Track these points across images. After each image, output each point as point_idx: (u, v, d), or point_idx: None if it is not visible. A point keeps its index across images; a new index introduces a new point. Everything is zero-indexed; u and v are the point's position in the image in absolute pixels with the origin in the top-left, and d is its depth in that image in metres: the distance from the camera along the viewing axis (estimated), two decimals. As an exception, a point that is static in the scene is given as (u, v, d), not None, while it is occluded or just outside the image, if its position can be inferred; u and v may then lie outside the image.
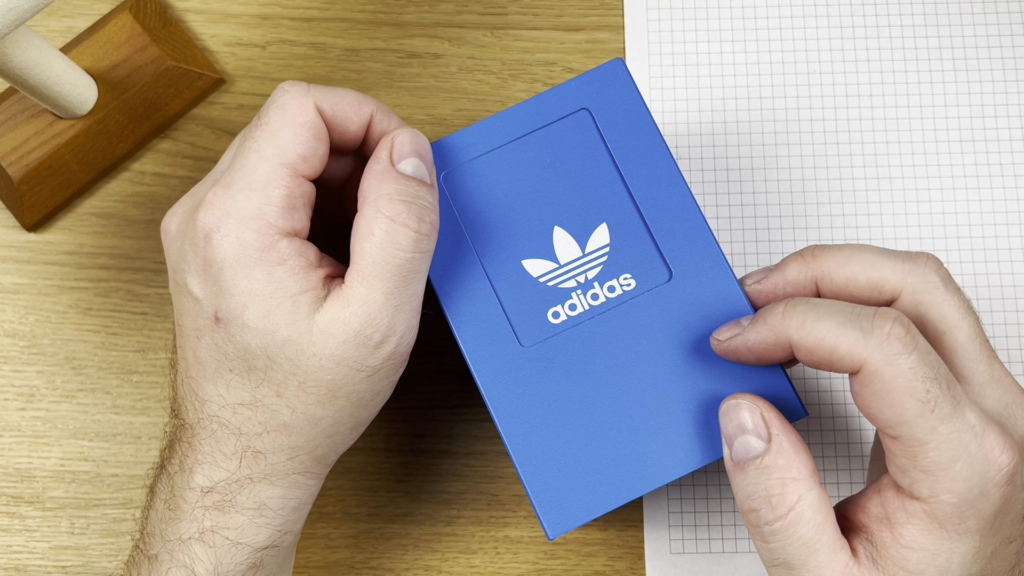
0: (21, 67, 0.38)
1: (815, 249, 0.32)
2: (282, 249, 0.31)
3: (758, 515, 0.29)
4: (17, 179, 0.42)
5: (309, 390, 0.31)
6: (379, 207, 0.31)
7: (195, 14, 0.46)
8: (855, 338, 0.28)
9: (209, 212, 0.31)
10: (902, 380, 0.27)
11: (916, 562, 0.28)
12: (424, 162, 0.33)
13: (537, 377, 0.33)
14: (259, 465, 0.32)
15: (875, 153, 0.44)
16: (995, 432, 0.28)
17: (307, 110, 0.32)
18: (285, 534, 0.33)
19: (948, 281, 0.31)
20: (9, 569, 0.41)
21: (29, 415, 0.43)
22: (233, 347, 0.31)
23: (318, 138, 0.32)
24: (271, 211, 0.31)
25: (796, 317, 0.29)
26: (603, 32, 0.46)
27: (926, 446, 0.27)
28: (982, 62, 0.45)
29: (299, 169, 0.32)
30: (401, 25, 0.46)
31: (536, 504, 0.32)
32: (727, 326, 0.32)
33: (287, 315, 0.31)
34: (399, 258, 0.31)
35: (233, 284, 0.31)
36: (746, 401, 0.30)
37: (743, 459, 0.30)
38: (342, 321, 0.31)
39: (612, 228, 0.34)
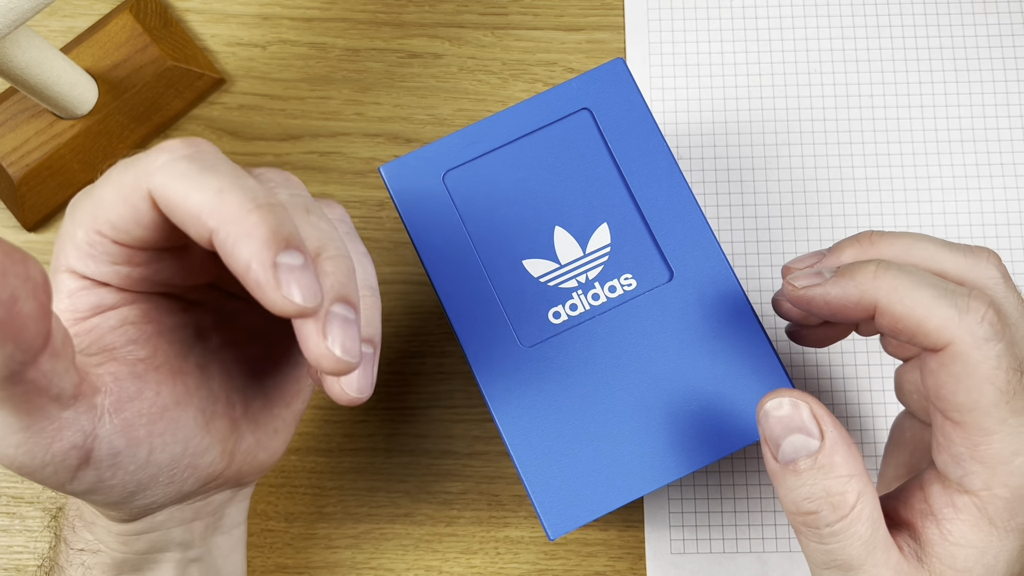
0: (21, 67, 0.38)
1: (872, 235, 0.31)
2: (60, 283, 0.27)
3: (818, 517, 0.28)
4: (17, 179, 0.42)
5: None
6: None
7: (195, 14, 0.46)
8: (949, 315, 0.27)
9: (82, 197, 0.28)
10: (987, 366, 0.26)
11: (964, 559, 0.27)
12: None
13: (538, 377, 0.33)
14: None
15: (875, 153, 0.44)
16: None
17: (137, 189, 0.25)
18: None
19: (1007, 278, 0.30)
20: (9, 569, 0.41)
21: (29, 415, 0.43)
22: None
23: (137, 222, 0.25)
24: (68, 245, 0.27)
25: (889, 280, 0.28)
26: (604, 32, 0.46)
27: (992, 436, 0.27)
28: (982, 62, 0.45)
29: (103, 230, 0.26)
30: (401, 25, 0.46)
31: (537, 504, 0.32)
32: (804, 273, 0.30)
33: None
34: None
35: None
36: (790, 397, 0.28)
37: (793, 459, 0.28)
38: None
39: (613, 228, 0.34)
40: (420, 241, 0.34)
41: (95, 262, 0.26)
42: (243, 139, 0.45)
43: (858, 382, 0.42)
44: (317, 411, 0.43)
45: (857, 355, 0.42)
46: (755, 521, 0.41)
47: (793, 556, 0.41)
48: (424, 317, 0.43)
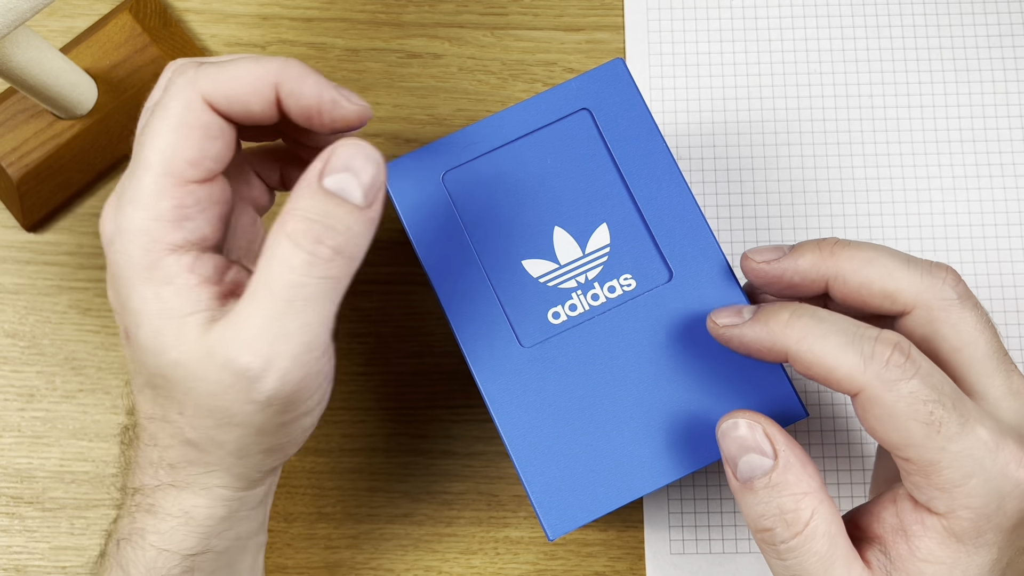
0: (21, 67, 0.38)
1: (834, 245, 0.31)
2: (168, 267, 0.28)
3: (773, 534, 0.28)
4: (17, 179, 0.42)
5: (203, 414, 0.29)
6: (283, 222, 0.28)
7: (195, 14, 0.46)
8: (854, 363, 0.28)
9: (103, 224, 0.30)
10: (903, 405, 0.27)
11: (932, 575, 0.28)
12: (358, 178, 0.28)
13: (537, 377, 0.33)
14: (177, 476, 0.31)
15: (875, 153, 0.44)
16: (1010, 446, 0.27)
17: (193, 107, 0.28)
18: (217, 539, 0.32)
19: (965, 297, 0.30)
20: (9, 569, 0.41)
21: (29, 415, 0.43)
22: (135, 364, 0.30)
23: (209, 136, 0.29)
24: (156, 226, 0.28)
25: (799, 329, 0.29)
26: (603, 32, 0.46)
27: (937, 465, 0.27)
28: (982, 62, 0.45)
29: (188, 175, 0.29)
30: (401, 25, 0.46)
31: (536, 505, 0.32)
32: (727, 310, 0.31)
33: (174, 337, 0.28)
34: (287, 280, 0.27)
35: (128, 301, 0.29)
36: (744, 419, 0.30)
37: (750, 478, 0.29)
38: (223, 344, 0.28)
39: (612, 228, 0.34)
40: (419, 241, 0.34)
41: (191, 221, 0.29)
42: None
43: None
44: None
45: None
46: (755, 521, 0.41)
47: (793, 556, 0.41)
48: (424, 317, 0.43)
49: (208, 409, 0.29)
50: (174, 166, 0.28)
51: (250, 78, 0.29)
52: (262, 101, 0.29)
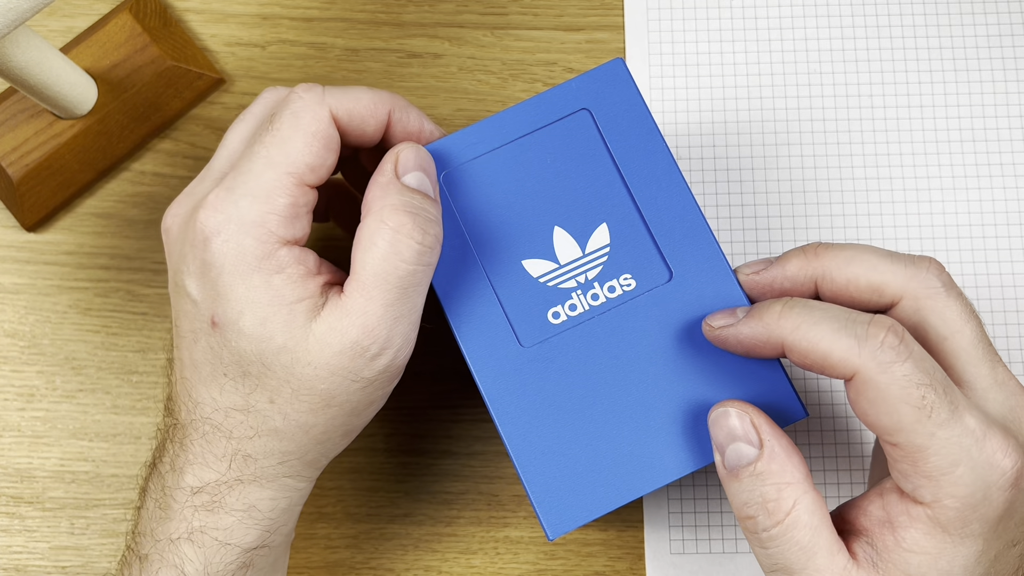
0: (21, 67, 0.38)
1: (818, 247, 0.32)
2: (281, 257, 0.31)
3: (755, 522, 0.29)
4: (17, 179, 0.42)
5: (302, 398, 0.31)
6: (383, 217, 0.31)
7: (195, 14, 0.46)
8: (849, 346, 0.28)
9: (210, 215, 0.31)
10: (896, 387, 0.27)
11: (918, 565, 0.28)
12: (428, 176, 0.32)
13: (537, 377, 0.33)
14: (249, 468, 0.32)
15: (875, 153, 0.44)
16: (997, 436, 0.28)
17: (321, 119, 0.32)
18: (274, 534, 0.33)
19: (950, 286, 0.31)
20: (9, 569, 0.41)
21: (29, 415, 0.43)
22: (228, 352, 0.31)
23: (329, 148, 0.32)
24: (273, 219, 0.31)
25: (792, 319, 0.29)
26: (603, 32, 0.46)
27: (926, 451, 0.27)
28: (982, 62, 0.45)
29: (306, 179, 0.32)
30: (401, 25, 0.46)
31: (536, 504, 0.32)
32: (721, 313, 0.32)
33: (283, 323, 0.31)
34: (401, 269, 0.30)
35: (231, 290, 0.31)
36: (735, 408, 0.30)
37: (736, 466, 0.30)
38: (339, 331, 0.30)
39: (612, 228, 0.34)
40: (419, 241, 0.34)
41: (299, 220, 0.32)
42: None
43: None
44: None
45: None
46: (755, 521, 0.41)
47: (793, 556, 0.41)
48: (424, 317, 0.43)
49: (308, 393, 0.31)
50: (297, 168, 0.31)
51: (369, 102, 0.33)
52: (376, 123, 0.33)
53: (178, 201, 0.34)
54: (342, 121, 0.32)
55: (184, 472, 0.32)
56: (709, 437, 0.32)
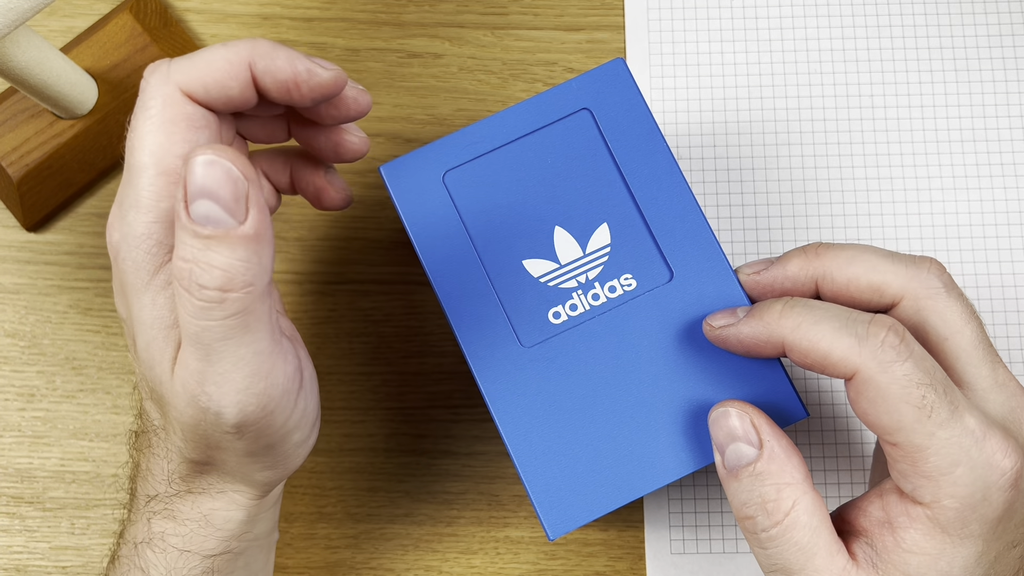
0: (21, 67, 0.37)
1: (818, 247, 0.32)
2: (170, 271, 0.28)
3: (754, 522, 0.29)
4: (17, 179, 0.42)
5: (191, 437, 0.29)
6: (173, 270, 0.26)
7: (195, 14, 0.46)
8: (849, 344, 0.28)
9: (110, 234, 0.29)
10: (897, 387, 0.27)
11: (917, 566, 0.28)
12: (219, 199, 0.25)
13: (538, 377, 0.33)
14: (191, 483, 0.31)
15: (875, 153, 0.44)
16: (997, 436, 0.28)
17: (173, 102, 0.28)
18: (238, 540, 0.32)
19: (951, 286, 0.31)
20: (9, 569, 0.41)
21: (29, 415, 0.43)
22: (138, 374, 0.30)
23: (194, 127, 0.28)
24: (159, 228, 0.28)
25: (792, 318, 0.29)
26: (604, 32, 0.46)
27: (925, 451, 0.27)
28: (982, 62, 0.45)
29: None
30: (401, 25, 0.46)
31: (536, 504, 0.32)
32: (722, 313, 0.32)
33: (159, 352, 0.28)
34: (191, 327, 0.26)
35: (131, 309, 0.29)
36: (735, 408, 0.30)
37: (736, 466, 0.30)
38: (182, 382, 0.28)
39: (613, 228, 0.34)
40: (420, 241, 0.34)
41: None
42: (243, 139, 0.45)
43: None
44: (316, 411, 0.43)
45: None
46: (755, 521, 0.41)
47: (793, 556, 0.41)
48: (424, 317, 0.43)
49: (193, 434, 0.29)
50: (166, 163, 0.28)
51: (222, 62, 0.28)
52: (239, 83, 0.29)
53: (112, 212, 0.31)
54: (198, 94, 0.28)
55: (145, 479, 0.32)
56: (708, 437, 0.32)
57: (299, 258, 0.44)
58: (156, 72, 0.28)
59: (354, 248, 0.44)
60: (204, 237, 0.25)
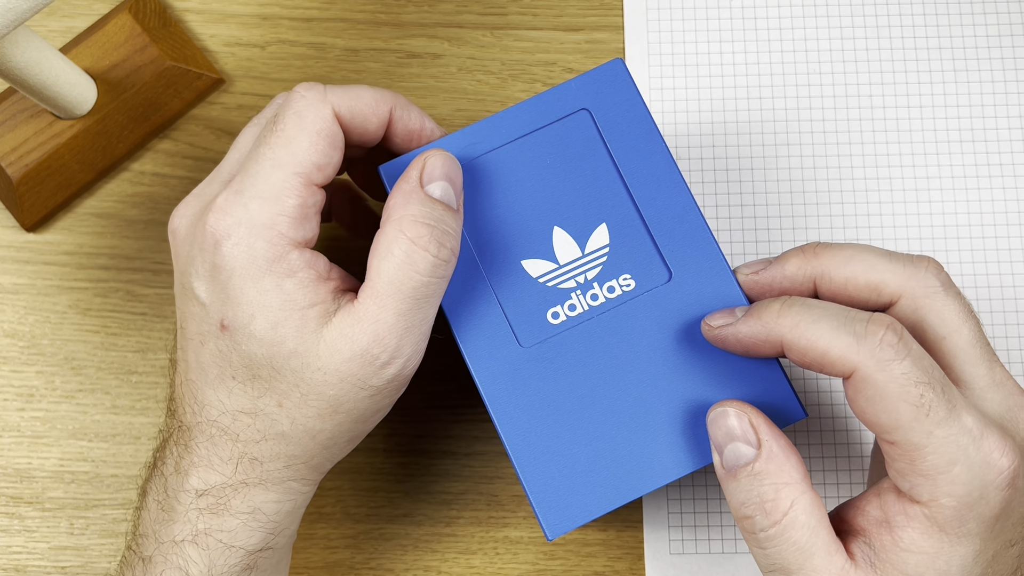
0: (21, 67, 0.38)
1: (816, 247, 0.32)
2: (292, 260, 0.31)
3: (753, 522, 0.29)
4: (17, 179, 0.42)
5: (311, 403, 0.31)
6: (402, 227, 0.30)
7: (195, 14, 0.46)
8: (848, 343, 0.28)
9: (220, 218, 0.31)
10: (895, 385, 0.27)
11: (915, 565, 0.28)
12: (453, 187, 0.32)
13: (536, 378, 0.33)
14: (255, 471, 0.32)
15: (875, 153, 0.44)
16: (994, 435, 0.28)
17: (324, 117, 0.32)
18: (278, 536, 0.33)
19: (948, 285, 0.31)
20: (9, 569, 0.41)
21: (28, 415, 0.43)
22: (238, 355, 0.31)
23: (334, 146, 0.32)
24: (283, 221, 0.31)
25: (791, 317, 0.29)
26: (603, 32, 0.46)
27: (923, 450, 0.27)
28: (982, 62, 0.45)
29: (313, 178, 0.31)
30: (401, 25, 0.46)
31: (535, 505, 0.32)
32: (720, 313, 0.32)
33: (295, 328, 0.31)
34: (415, 280, 0.30)
35: (241, 293, 0.31)
36: (733, 408, 0.30)
37: (734, 466, 0.30)
38: (350, 338, 0.30)
39: (612, 228, 0.34)
40: (419, 241, 0.34)
41: (308, 222, 0.32)
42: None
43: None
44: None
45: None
46: (754, 521, 0.41)
47: (792, 556, 0.41)
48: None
49: (317, 398, 0.31)
50: (304, 167, 0.31)
51: (371, 99, 0.33)
52: (378, 120, 0.33)
53: (186, 202, 0.33)
54: (344, 119, 0.32)
55: (188, 474, 0.32)
56: (708, 437, 0.32)
57: (298, 258, 0.44)
58: (315, 89, 0.32)
59: (354, 248, 0.44)
60: (444, 208, 0.31)
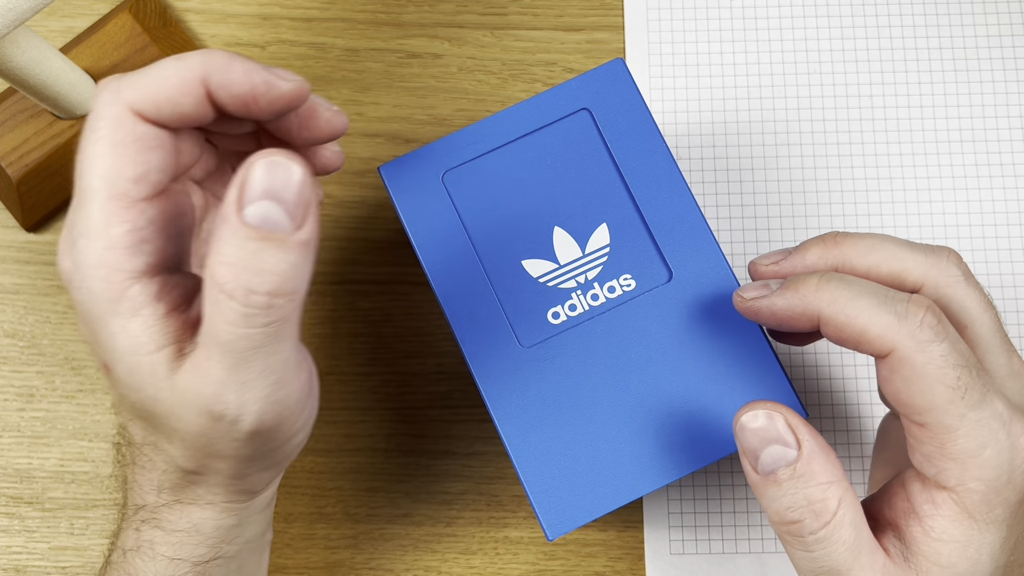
0: (21, 67, 0.38)
1: (836, 236, 0.31)
2: (134, 297, 0.27)
3: (801, 525, 0.28)
4: (17, 179, 0.42)
5: (191, 446, 0.29)
6: (211, 269, 0.25)
7: (195, 14, 0.46)
8: (888, 322, 0.28)
9: (61, 262, 0.28)
10: (933, 367, 0.27)
11: (948, 555, 0.28)
12: (284, 203, 0.25)
13: (537, 378, 0.33)
14: (179, 494, 0.31)
15: (875, 153, 0.44)
16: (1021, 420, 0.28)
17: (122, 122, 0.27)
18: (229, 545, 0.32)
19: (968, 275, 0.30)
20: (9, 570, 0.41)
21: (29, 415, 0.43)
22: (118, 395, 0.29)
23: (147, 148, 0.27)
24: (113, 255, 0.27)
25: (829, 291, 0.29)
26: (603, 32, 0.46)
27: (955, 433, 0.27)
28: (982, 62, 0.45)
29: (134, 194, 0.27)
30: (401, 25, 0.46)
31: (535, 505, 0.32)
32: (753, 285, 0.31)
33: (148, 375, 0.27)
34: (230, 334, 0.25)
35: (96, 338, 0.28)
36: (763, 410, 0.29)
37: (772, 469, 0.28)
38: (195, 392, 0.27)
39: (612, 228, 0.34)
40: (419, 241, 0.34)
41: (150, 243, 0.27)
42: (243, 139, 0.45)
43: (858, 382, 0.42)
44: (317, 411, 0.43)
45: (857, 355, 0.42)
46: (754, 521, 0.41)
47: (793, 556, 0.41)
48: (424, 317, 0.43)
49: (194, 444, 0.28)
50: (117, 187, 0.27)
51: (174, 78, 0.27)
52: (192, 99, 0.27)
53: (61, 238, 0.29)
54: (149, 113, 0.27)
55: (132, 488, 0.32)
56: (709, 437, 0.32)
57: (299, 258, 0.44)
58: (105, 90, 0.27)
59: (354, 248, 0.44)
60: (260, 240, 0.24)
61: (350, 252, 0.44)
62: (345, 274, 0.44)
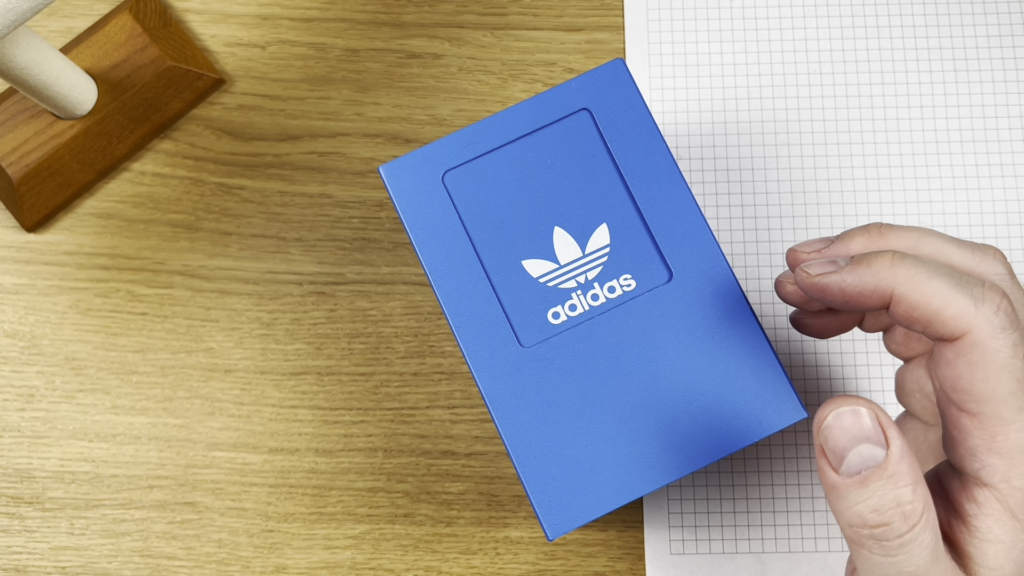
0: (21, 67, 0.38)
1: (881, 227, 0.30)
2: None
3: (890, 528, 0.26)
4: (17, 179, 0.42)
5: None
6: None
7: (195, 14, 0.46)
8: (965, 304, 0.27)
9: None
10: (1004, 355, 0.26)
11: (995, 556, 0.27)
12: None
13: (537, 377, 0.33)
14: None
15: (875, 153, 0.44)
16: None
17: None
18: None
19: (1012, 275, 0.30)
20: (9, 570, 0.41)
21: (29, 415, 0.43)
22: None
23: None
24: None
25: (905, 269, 0.28)
26: (603, 32, 0.46)
27: (1009, 426, 0.26)
28: (982, 62, 0.45)
29: None
30: (401, 25, 0.46)
31: (536, 504, 0.32)
32: (818, 261, 0.30)
33: None
34: None
35: None
36: (849, 406, 0.27)
37: (860, 470, 0.26)
38: None
39: (612, 228, 0.34)
40: (419, 241, 0.34)
41: None
42: (242, 139, 0.45)
43: (858, 383, 0.42)
44: (316, 411, 0.43)
45: (857, 355, 0.42)
46: (755, 521, 0.41)
47: (792, 556, 0.41)
48: (424, 317, 0.43)
49: None
50: None
51: None
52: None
53: None
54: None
55: None
56: (709, 437, 0.32)
57: (299, 258, 0.44)
58: None
59: (354, 248, 0.44)
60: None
61: (350, 252, 0.44)
62: (345, 274, 0.44)
